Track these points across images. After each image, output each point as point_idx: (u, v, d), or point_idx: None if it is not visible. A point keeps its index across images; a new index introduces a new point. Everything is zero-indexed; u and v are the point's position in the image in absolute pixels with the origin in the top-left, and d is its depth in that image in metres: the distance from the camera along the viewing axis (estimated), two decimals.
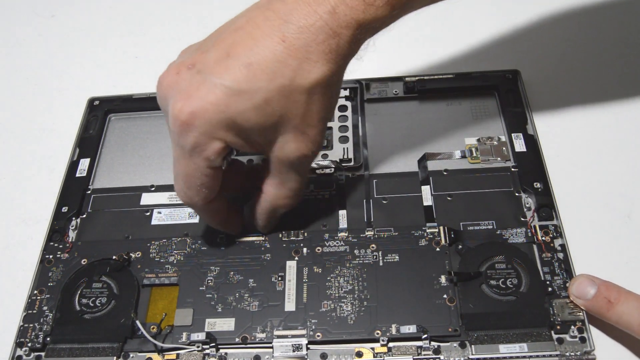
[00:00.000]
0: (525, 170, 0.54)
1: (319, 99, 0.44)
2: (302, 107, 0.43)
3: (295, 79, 0.42)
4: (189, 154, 0.44)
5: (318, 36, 0.42)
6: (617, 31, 0.67)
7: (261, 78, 0.42)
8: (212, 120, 0.42)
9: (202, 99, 0.42)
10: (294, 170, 0.47)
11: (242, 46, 0.42)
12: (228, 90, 0.42)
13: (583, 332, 0.46)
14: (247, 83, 0.42)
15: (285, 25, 0.42)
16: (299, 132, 0.44)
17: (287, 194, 0.49)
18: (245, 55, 0.42)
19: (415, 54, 0.67)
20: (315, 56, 0.42)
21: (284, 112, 0.43)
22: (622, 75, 0.63)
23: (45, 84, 0.70)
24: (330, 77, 0.43)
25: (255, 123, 0.43)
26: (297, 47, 0.42)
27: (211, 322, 0.49)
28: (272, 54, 0.42)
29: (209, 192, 0.46)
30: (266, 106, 0.42)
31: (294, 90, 0.42)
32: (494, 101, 0.60)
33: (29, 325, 0.50)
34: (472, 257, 0.50)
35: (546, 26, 0.69)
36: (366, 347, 0.47)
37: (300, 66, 0.42)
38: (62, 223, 0.55)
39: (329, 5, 0.42)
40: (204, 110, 0.42)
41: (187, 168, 0.45)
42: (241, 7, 0.49)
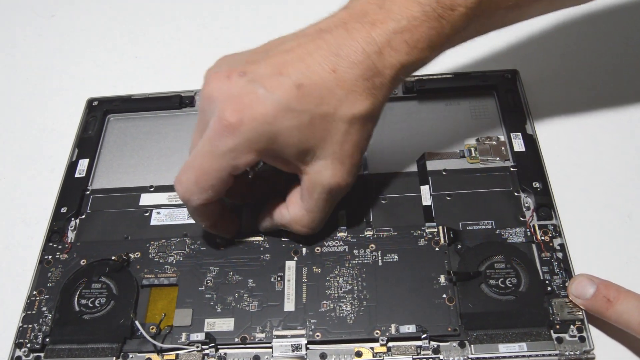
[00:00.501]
0: (525, 170, 0.54)
1: (358, 131, 0.46)
2: (342, 135, 0.45)
3: (339, 108, 0.44)
4: (220, 155, 0.44)
5: (365, 73, 0.44)
6: (617, 31, 0.67)
7: (310, 101, 0.44)
8: (257, 130, 0.43)
9: (253, 108, 0.43)
10: (324, 199, 0.48)
11: (294, 68, 0.44)
12: (278, 105, 0.43)
13: (582, 332, 0.46)
14: (297, 103, 0.44)
15: (336, 58, 0.44)
16: (337, 160, 0.46)
17: (308, 223, 0.49)
18: (296, 77, 0.44)
19: None
20: (360, 90, 0.45)
21: (325, 137, 0.45)
22: (621, 75, 0.63)
23: (45, 84, 0.70)
24: (371, 111, 0.46)
25: (298, 141, 0.44)
26: (346, 79, 0.44)
27: (210, 323, 0.49)
28: (322, 81, 0.44)
29: (212, 195, 0.46)
30: (310, 127, 0.44)
31: (337, 118, 0.45)
32: (493, 101, 0.60)
33: (28, 326, 0.50)
34: (472, 256, 0.49)
35: (546, 26, 0.69)
36: (365, 347, 0.47)
37: (346, 97, 0.44)
38: (61, 223, 0.55)
39: (376, 46, 0.44)
40: (252, 119, 0.43)
41: (210, 166, 0.45)
42: (241, 7, 0.50)
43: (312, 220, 0.49)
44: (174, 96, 0.63)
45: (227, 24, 0.74)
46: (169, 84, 0.66)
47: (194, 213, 0.49)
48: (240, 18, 0.74)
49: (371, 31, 0.44)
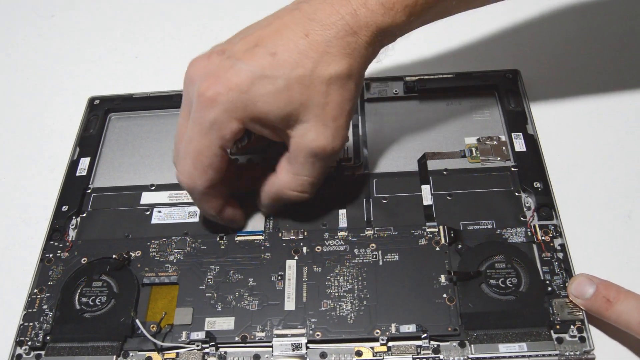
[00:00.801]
0: (525, 170, 0.54)
1: (338, 91, 0.46)
2: (322, 96, 0.46)
3: (315, 69, 0.45)
4: (207, 130, 0.46)
5: (338, 33, 0.46)
6: (617, 31, 0.67)
7: (284, 66, 0.45)
8: (234, 100, 0.45)
9: (229, 79, 0.45)
10: (311, 163, 0.48)
11: (268, 38, 0.46)
12: (252, 74, 0.45)
13: (582, 332, 0.46)
14: (271, 69, 0.45)
15: (309, 22, 0.46)
16: (319, 123, 0.46)
17: (297, 187, 0.49)
18: (270, 46, 0.46)
19: (415, 53, 0.67)
20: (334, 50, 0.46)
21: (304, 100, 0.46)
22: (622, 75, 0.63)
23: (45, 84, 0.70)
24: (348, 71, 0.46)
25: (276, 107, 0.46)
26: (319, 42, 0.45)
27: (211, 321, 0.49)
28: (295, 46, 0.45)
29: (214, 175, 0.47)
30: (287, 92, 0.45)
31: (314, 79, 0.45)
32: (494, 101, 0.60)
33: (29, 324, 0.50)
34: (472, 256, 0.50)
35: (546, 26, 0.69)
36: (366, 347, 0.47)
37: (320, 58, 0.45)
38: (62, 222, 0.55)
39: (350, 7, 0.45)
40: (228, 89, 0.45)
41: (201, 145, 0.46)
42: (240, 6, 0.50)
43: (301, 184, 0.49)
44: (175, 95, 0.64)
45: (227, 24, 0.73)
46: (169, 83, 0.66)
47: (202, 200, 0.50)
48: (240, 18, 0.73)
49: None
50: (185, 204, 0.56)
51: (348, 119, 0.48)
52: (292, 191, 0.50)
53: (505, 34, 0.68)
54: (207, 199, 0.49)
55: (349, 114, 0.48)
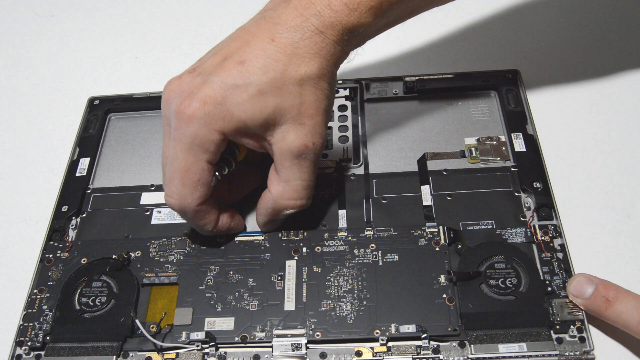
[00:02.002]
0: (525, 170, 0.54)
1: (311, 91, 0.47)
2: (296, 97, 0.46)
3: (285, 71, 0.46)
4: (189, 146, 0.46)
5: (304, 34, 0.46)
6: (618, 31, 0.67)
7: (254, 72, 0.46)
8: (211, 112, 0.45)
9: (203, 93, 0.46)
10: (297, 165, 0.48)
11: (236, 49, 0.47)
12: (224, 84, 0.46)
13: (582, 332, 0.46)
14: (242, 78, 0.46)
15: (275, 27, 0.46)
16: (297, 123, 0.47)
17: (291, 194, 0.49)
18: (238, 55, 0.46)
19: (415, 54, 0.67)
20: (302, 51, 0.46)
21: (279, 103, 0.46)
22: (622, 76, 0.63)
23: (45, 84, 0.70)
24: (318, 71, 0.47)
25: (252, 113, 0.46)
26: (286, 44, 0.46)
27: (211, 322, 0.49)
28: (263, 52, 0.46)
29: (204, 190, 0.47)
30: (261, 97, 0.46)
31: (286, 81, 0.46)
32: (493, 101, 0.60)
33: (29, 324, 0.50)
34: (472, 256, 0.50)
35: (546, 26, 0.69)
36: (365, 347, 0.47)
37: (290, 60, 0.46)
38: (62, 222, 0.55)
39: (314, 9, 0.46)
40: (204, 103, 0.45)
41: (187, 161, 0.47)
42: (240, 6, 0.50)
43: (294, 190, 0.49)
44: None
45: (227, 24, 0.73)
46: None
47: (195, 219, 0.50)
48: (240, 18, 0.74)
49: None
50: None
51: (325, 117, 0.48)
52: (287, 200, 0.49)
53: (505, 34, 0.68)
54: (200, 216, 0.49)
55: (325, 112, 0.48)
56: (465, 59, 0.66)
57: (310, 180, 0.50)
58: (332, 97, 0.49)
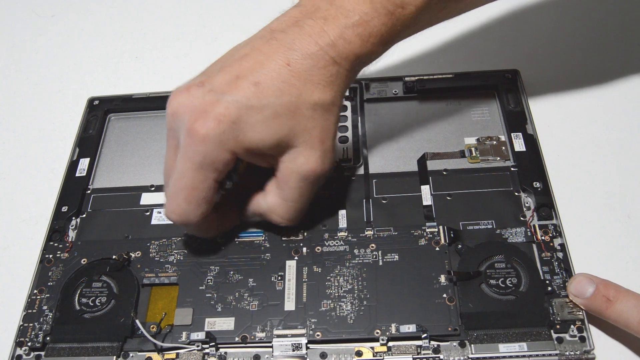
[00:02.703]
0: (525, 170, 0.54)
1: (324, 116, 0.47)
2: (309, 121, 0.46)
3: (300, 96, 0.46)
4: (199, 166, 0.46)
5: (319, 62, 0.46)
6: (618, 31, 0.67)
7: (269, 95, 0.45)
8: (225, 132, 0.45)
9: (218, 112, 0.45)
10: (300, 187, 0.48)
11: (249, 69, 0.46)
12: (239, 105, 0.45)
13: (582, 332, 0.46)
14: (257, 99, 0.45)
15: (290, 52, 0.46)
16: (308, 147, 0.47)
17: (284, 214, 0.50)
18: (253, 76, 0.45)
19: (415, 54, 0.67)
20: (317, 79, 0.46)
21: (293, 126, 0.46)
22: (622, 76, 0.63)
23: (45, 84, 0.70)
24: (332, 98, 0.47)
25: (266, 135, 0.46)
26: (301, 71, 0.46)
27: (211, 322, 0.49)
28: (278, 75, 0.45)
29: (207, 207, 0.48)
30: (275, 119, 0.45)
31: (300, 105, 0.46)
32: (493, 101, 0.60)
33: (29, 325, 0.50)
34: (472, 256, 0.50)
35: (546, 26, 0.69)
36: (366, 347, 0.47)
37: (304, 86, 0.46)
38: (62, 223, 0.55)
39: (328, 38, 0.46)
40: (219, 123, 0.45)
41: (194, 180, 0.46)
42: (240, 6, 0.50)
43: (288, 210, 0.49)
44: None
45: (227, 24, 0.74)
46: (169, 84, 0.65)
47: (196, 230, 0.50)
48: (240, 18, 0.74)
49: (324, 26, 0.46)
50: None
51: (333, 141, 0.49)
52: (277, 217, 0.50)
53: (505, 34, 0.68)
54: (200, 227, 0.50)
55: (334, 137, 0.49)
56: (465, 59, 0.66)
57: (306, 203, 0.50)
58: (338, 122, 0.49)
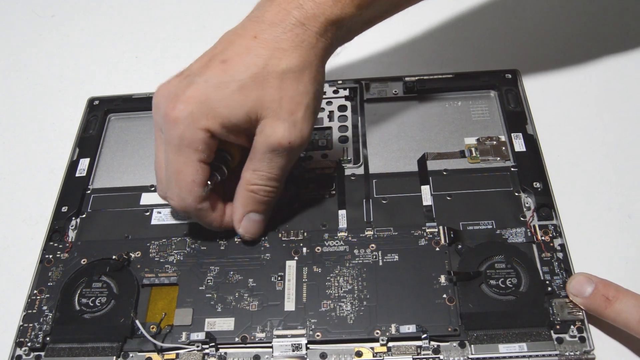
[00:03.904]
0: (525, 170, 0.54)
1: (293, 85, 0.47)
2: (276, 91, 0.46)
3: (266, 66, 0.46)
4: (178, 148, 0.47)
5: (285, 27, 0.47)
6: (618, 31, 0.67)
7: (236, 69, 0.46)
8: (195, 112, 0.46)
9: (186, 95, 0.47)
10: (269, 159, 0.48)
11: (220, 50, 0.48)
12: (208, 84, 0.46)
13: (582, 332, 0.46)
14: (224, 75, 0.46)
15: (258, 25, 0.47)
16: (275, 118, 0.47)
17: (257, 181, 0.49)
18: (222, 55, 0.47)
19: (414, 54, 0.67)
20: (285, 44, 0.47)
21: (259, 97, 0.46)
22: (622, 76, 0.63)
23: (45, 84, 0.70)
24: (300, 63, 0.47)
25: (234, 109, 0.46)
26: (268, 39, 0.47)
27: (211, 322, 0.49)
28: (245, 49, 0.47)
29: (200, 190, 0.48)
30: (241, 92, 0.46)
31: (266, 75, 0.46)
32: (493, 101, 0.60)
33: (29, 325, 0.50)
34: (472, 256, 0.49)
35: (546, 26, 0.69)
36: (366, 347, 0.47)
37: (271, 54, 0.46)
38: (62, 223, 0.55)
39: (297, 2, 0.47)
40: (188, 104, 0.46)
41: (178, 163, 0.47)
42: (241, 7, 0.50)
43: (259, 178, 0.49)
44: None
45: (227, 24, 0.74)
46: None
47: (200, 217, 0.50)
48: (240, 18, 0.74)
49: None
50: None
51: (308, 113, 0.48)
52: (253, 186, 0.50)
53: (504, 33, 0.68)
54: (203, 214, 0.50)
55: (307, 108, 0.48)
56: (464, 59, 0.66)
57: (277, 173, 0.49)
58: (317, 92, 0.49)
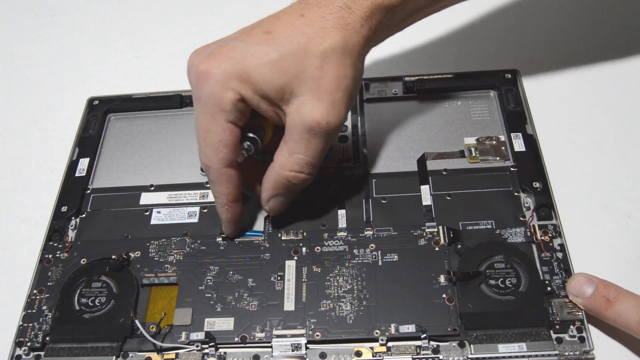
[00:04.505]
0: (525, 170, 0.54)
1: (334, 66, 0.47)
2: (317, 70, 0.46)
3: (309, 43, 0.46)
4: (205, 105, 0.47)
5: (333, 9, 0.47)
6: (618, 31, 0.67)
7: (278, 41, 0.46)
8: (226, 70, 0.46)
9: (222, 54, 0.46)
10: (306, 140, 0.47)
11: (266, 22, 0.48)
12: (246, 48, 0.46)
13: (582, 332, 0.46)
14: (265, 43, 0.46)
15: (306, 5, 0.47)
16: (314, 96, 0.46)
17: (293, 166, 0.49)
18: (266, 26, 0.47)
19: (414, 54, 0.67)
20: (329, 24, 0.47)
21: (298, 72, 0.46)
22: (622, 76, 0.63)
23: (45, 84, 0.71)
24: (343, 44, 0.47)
25: (269, 77, 0.46)
26: (314, 19, 0.47)
27: (210, 322, 0.49)
28: (290, 24, 0.47)
29: (227, 152, 0.47)
30: (280, 63, 0.46)
31: (308, 52, 0.46)
32: (493, 101, 0.60)
33: (29, 325, 0.50)
34: (471, 256, 0.49)
35: (546, 26, 0.69)
36: (365, 347, 0.47)
37: (315, 33, 0.46)
38: (62, 223, 0.55)
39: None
40: (220, 62, 0.46)
41: (206, 122, 0.47)
42: (241, 7, 0.50)
43: (296, 163, 0.48)
44: (175, 95, 0.64)
45: (227, 24, 0.73)
46: (169, 84, 0.66)
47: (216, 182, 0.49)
48: (240, 18, 0.74)
49: None
50: (185, 205, 0.56)
51: (346, 96, 0.48)
52: (288, 171, 0.49)
53: (504, 34, 0.68)
54: (221, 181, 0.49)
55: (346, 91, 0.47)
56: (464, 59, 0.66)
57: (315, 157, 0.49)
58: (356, 78, 0.48)
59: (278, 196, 0.51)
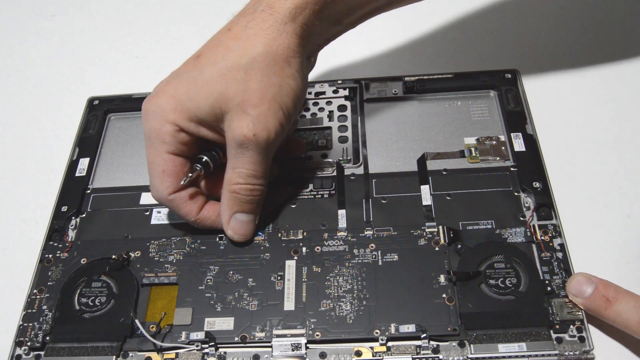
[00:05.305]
0: (525, 170, 0.54)
1: (257, 77, 0.46)
2: (241, 84, 0.46)
3: (233, 57, 0.46)
4: (149, 140, 0.49)
5: (255, 14, 0.47)
6: (618, 31, 0.67)
7: (206, 63, 0.47)
8: (163, 105, 0.48)
9: (159, 89, 0.49)
10: (241, 153, 0.48)
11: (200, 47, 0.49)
12: (178, 77, 0.48)
13: (582, 332, 0.46)
14: (195, 69, 0.47)
15: (236, 18, 0.48)
16: (240, 111, 0.46)
17: (238, 179, 0.49)
18: (198, 50, 0.49)
19: (414, 54, 0.67)
20: (252, 32, 0.47)
21: (222, 90, 0.46)
22: (622, 76, 0.63)
23: (45, 84, 0.71)
24: (265, 53, 0.46)
25: (198, 103, 0.47)
26: (238, 31, 0.47)
27: (210, 322, 0.49)
28: (217, 43, 0.48)
29: (171, 180, 0.49)
30: (206, 85, 0.47)
31: (231, 68, 0.46)
32: (493, 101, 0.60)
33: (29, 325, 0.50)
34: (471, 256, 0.49)
35: (546, 26, 0.69)
36: (365, 347, 0.47)
37: (239, 46, 0.46)
38: (62, 222, 0.55)
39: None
40: (158, 98, 0.48)
41: (150, 155, 0.49)
42: (240, 6, 0.50)
43: (239, 176, 0.49)
44: None
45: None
46: None
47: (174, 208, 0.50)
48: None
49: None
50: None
51: (274, 106, 0.47)
52: (234, 185, 0.49)
53: (504, 34, 0.68)
54: (176, 205, 0.50)
55: (274, 101, 0.47)
56: (464, 58, 0.66)
57: (255, 169, 0.49)
58: (285, 87, 0.47)
59: (236, 214, 0.51)
